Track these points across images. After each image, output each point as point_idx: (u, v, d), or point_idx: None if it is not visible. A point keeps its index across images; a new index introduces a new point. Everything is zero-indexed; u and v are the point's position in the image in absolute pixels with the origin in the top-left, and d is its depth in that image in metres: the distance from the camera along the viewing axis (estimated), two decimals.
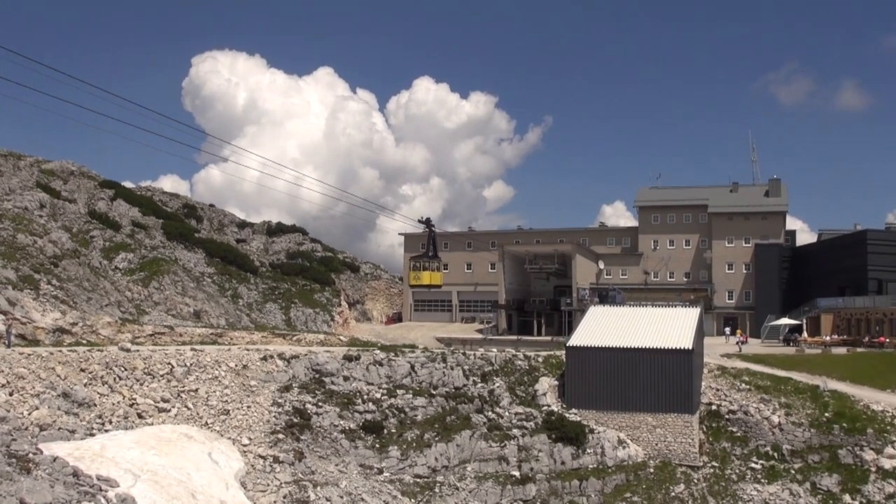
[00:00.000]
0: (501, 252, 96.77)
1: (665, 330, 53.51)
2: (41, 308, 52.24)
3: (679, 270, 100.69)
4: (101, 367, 41.54)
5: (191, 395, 42.88)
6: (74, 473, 26.13)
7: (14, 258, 60.05)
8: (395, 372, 50.64)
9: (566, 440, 47.71)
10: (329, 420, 45.20)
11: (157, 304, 70.49)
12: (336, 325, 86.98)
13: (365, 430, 45.64)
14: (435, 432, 46.61)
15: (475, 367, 52.68)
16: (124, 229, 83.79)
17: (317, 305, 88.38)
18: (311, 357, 50.05)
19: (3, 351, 39.50)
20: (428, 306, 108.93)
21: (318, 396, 46.94)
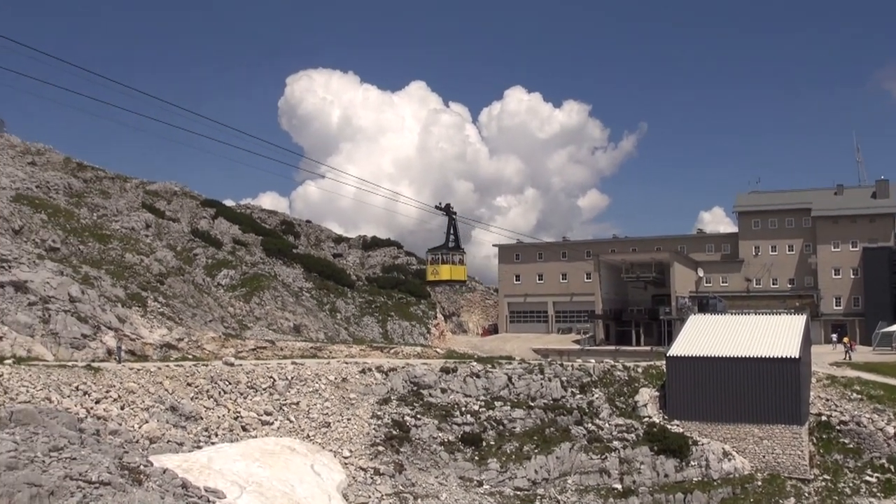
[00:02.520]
0: (597, 261, 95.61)
1: (770, 338, 51.84)
2: (149, 324, 54.06)
3: (782, 277, 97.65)
4: (206, 381, 42.69)
5: (292, 408, 43.64)
6: (183, 485, 26.83)
7: (123, 277, 62.37)
8: (492, 384, 50.48)
9: (669, 452, 46.63)
10: (428, 432, 45.31)
11: (259, 319, 72.08)
12: (432, 338, 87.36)
13: (464, 442, 45.58)
14: (534, 444, 46.21)
15: (573, 379, 52.05)
16: (225, 247, 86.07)
17: (413, 318, 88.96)
18: (409, 369, 50.34)
19: (114, 366, 40.97)
20: (524, 317, 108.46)
21: (417, 409, 47.14)
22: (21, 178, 76.47)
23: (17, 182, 74.75)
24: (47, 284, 48.95)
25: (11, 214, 64.61)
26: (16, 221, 64.03)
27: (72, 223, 70.56)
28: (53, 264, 54.69)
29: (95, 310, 50.15)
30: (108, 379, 38.46)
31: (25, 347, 41.48)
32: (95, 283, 56.51)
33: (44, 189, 77.40)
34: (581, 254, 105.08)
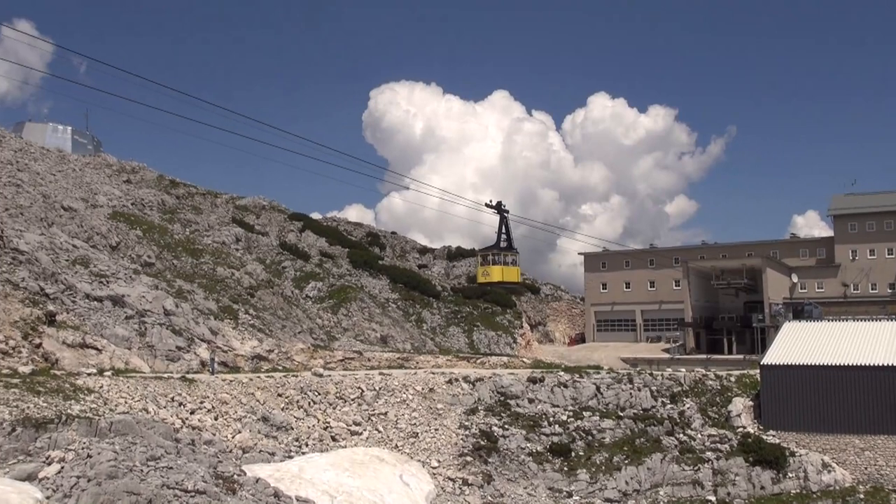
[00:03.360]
0: (686, 268, 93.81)
1: (870, 345, 49.91)
2: (240, 336, 55.18)
3: (882, 281, 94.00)
4: (296, 391, 43.30)
5: (380, 418, 43.91)
6: (275, 494, 27.20)
7: (215, 290, 63.90)
8: (580, 394, 49.89)
9: (765, 463, 45.26)
10: (516, 442, 45.02)
11: (346, 330, 72.86)
12: (519, 348, 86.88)
13: (552, 452, 45.13)
14: (624, 455, 45.44)
15: (663, 388, 51.04)
16: (313, 259, 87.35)
17: (499, 328, 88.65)
18: (496, 380, 50.14)
19: (207, 378, 41.90)
20: (611, 326, 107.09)
21: (504, 419, 46.90)
22: (117, 196, 79.17)
23: (114, 200, 77.40)
24: (143, 298, 50.44)
25: (109, 231, 66.90)
26: (113, 238, 66.27)
27: (165, 239, 72.69)
28: (149, 279, 56.37)
29: (189, 323, 51.44)
30: (202, 390, 39.34)
31: (123, 360, 42.76)
32: (189, 296, 58.01)
33: (139, 206, 79.95)
34: (669, 261, 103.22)
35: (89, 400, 33.32)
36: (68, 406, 31.84)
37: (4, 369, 34.62)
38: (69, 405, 31.96)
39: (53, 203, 67.37)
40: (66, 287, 47.33)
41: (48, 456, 27.31)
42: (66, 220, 65.15)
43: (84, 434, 30.02)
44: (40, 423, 29.70)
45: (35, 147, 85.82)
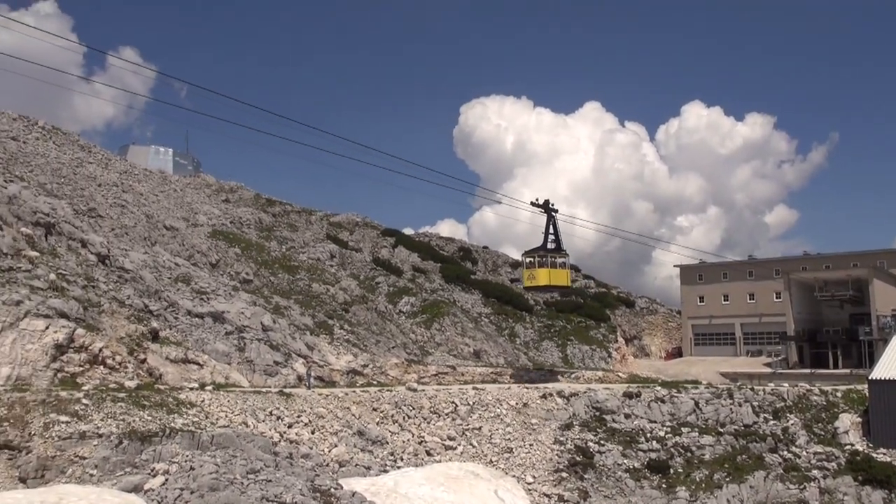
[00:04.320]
0: (787, 280, 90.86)
1: None
2: (336, 351, 55.93)
3: None
4: (391, 406, 43.56)
5: (475, 433, 43.78)
6: None
7: (310, 306, 64.99)
8: (678, 409, 48.78)
9: (875, 483, 43.25)
10: (612, 459, 44.26)
11: (439, 345, 73.09)
12: (614, 362, 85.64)
13: (650, 469, 44.19)
14: (725, 472, 44.14)
15: (765, 404, 49.44)
16: (406, 274, 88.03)
17: (593, 342, 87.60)
18: (591, 394, 49.47)
19: (304, 392, 42.55)
20: (709, 340, 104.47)
21: (600, 434, 46.19)
22: (216, 215, 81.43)
23: (213, 219, 79.63)
24: (242, 315, 51.62)
25: (209, 249, 68.83)
26: (213, 256, 68.14)
27: (263, 256, 74.37)
28: (247, 295, 57.69)
29: (286, 338, 52.40)
30: (299, 404, 39.94)
31: (223, 374, 43.79)
32: (285, 312, 59.13)
33: (237, 224, 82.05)
34: (770, 272, 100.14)
35: (191, 414, 34.20)
36: (172, 420, 32.74)
37: (112, 384, 35.85)
38: (172, 419, 32.87)
39: (156, 223, 69.72)
40: (168, 304, 48.82)
41: (153, 468, 28.13)
42: (169, 239, 67.34)
43: (187, 447, 30.83)
44: (145, 437, 30.64)
45: (139, 169, 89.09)
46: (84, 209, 62.39)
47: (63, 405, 31.44)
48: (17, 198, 48.07)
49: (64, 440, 29.37)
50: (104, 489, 25.32)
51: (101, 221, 62.28)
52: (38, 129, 78.84)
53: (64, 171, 70.25)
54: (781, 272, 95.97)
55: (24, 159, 66.52)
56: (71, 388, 34.06)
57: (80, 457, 28.88)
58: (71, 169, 71.93)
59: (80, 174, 71.81)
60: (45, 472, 28.18)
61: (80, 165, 74.72)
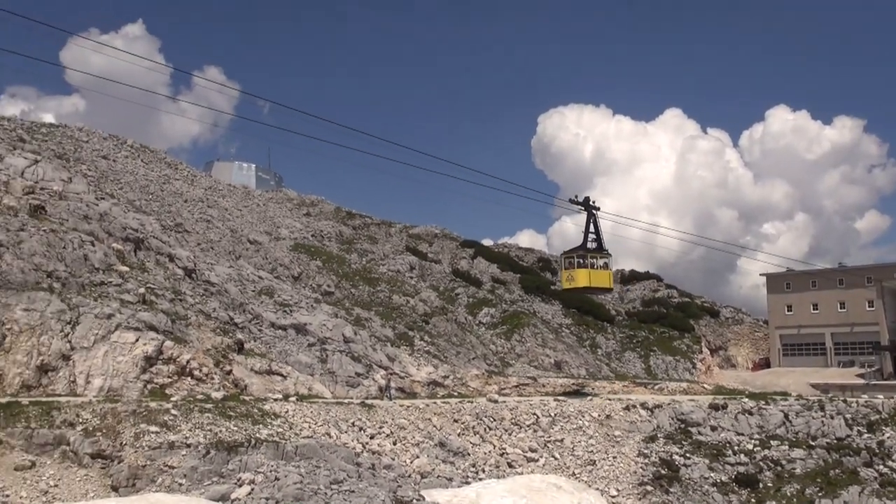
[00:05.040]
0: (880, 288, 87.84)
1: None
2: (416, 363, 56.13)
3: None
4: (471, 417, 43.43)
5: (556, 444, 43.34)
6: None
7: (391, 317, 65.43)
8: (766, 421, 47.43)
9: None
10: (699, 472, 43.24)
11: (520, 356, 72.74)
12: (698, 373, 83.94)
13: (738, 483, 43.00)
14: (817, 487, 42.68)
15: (859, 416, 47.70)
16: (485, 285, 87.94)
17: (677, 353, 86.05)
18: (675, 406, 48.52)
19: (386, 403, 42.77)
20: (798, 350, 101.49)
21: (685, 447, 45.19)
22: (298, 229, 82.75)
23: (295, 232, 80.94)
24: (324, 326, 52.23)
25: (291, 262, 69.95)
26: (295, 268, 69.23)
27: (344, 268, 75.22)
28: (329, 307, 58.36)
29: (367, 349, 52.80)
30: (381, 415, 40.15)
31: (307, 386, 44.32)
32: (366, 324, 59.63)
33: (318, 237, 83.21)
34: (861, 280, 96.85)
35: (276, 424, 34.68)
36: (257, 430, 33.26)
37: (199, 395, 36.62)
38: (258, 429, 33.39)
39: (240, 237, 71.19)
40: (253, 316, 49.71)
41: (239, 478, 28.60)
42: (252, 253, 68.67)
43: (272, 457, 31.28)
44: (232, 447, 31.19)
45: (223, 184, 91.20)
46: (171, 224, 64.10)
47: (153, 416, 32.24)
48: (107, 214, 49.65)
49: (154, 450, 30.09)
50: (193, 498, 25.83)
51: (188, 236, 63.87)
52: (127, 148, 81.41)
53: (152, 187, 72.35)
54: (874, 280, 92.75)
55: (114, 177, 68.74)
56: (160, 398, 34.93)
57: (169, 466, 29.54)
58: (158, 186, 74.03)
59: (167, 190, 73.85)
60: (136, 481, 28.90)
61: (167, 182, 76.86)
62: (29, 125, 74.34)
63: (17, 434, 29.61)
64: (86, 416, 31.37)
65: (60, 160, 61.36)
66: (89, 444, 29.82)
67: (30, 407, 31.22)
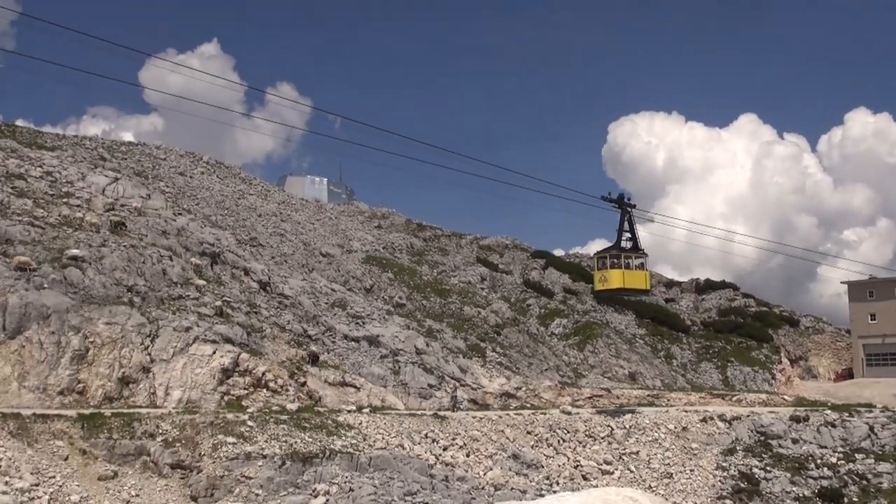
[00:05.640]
0: None
1: None
2: (488, 374, 55.96)
3: None
4: (545, 429, 43.11)
5: (632, 457, 42.72)
6: None
7: (462, 329, 65.41)
8: (850, 434, 45.97)
9: None
10: (780, 486, 42.11)
11: (593, 367, 71.95)
12: (778, 384, 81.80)
13: (821, 497, 41.71)
14: None
15: None
16: (557, 296, 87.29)
17: (755, 363, 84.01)
18: (754, 418, 47.41)
19: (459, 415, 42.72)
20: (883, 360, 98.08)
21: (766, 460, 44.08)
22: (370, 241, 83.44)
23: (367, 245, 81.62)
24: (396, 338, 52.49)
25: (363, 275, 70.54)
26: (367, 281, 69.78)
27: (415, 280, 75.54)
28: (401, 319, 58.64)
29: (439, 361, 52.86)
30: (454, 427, 40.11)
31: (380, 397, 44.57)
32: (438, 335, 59.72)
33: (389, 250, 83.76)
34: None
35: (350, 436, 34.94)
36: (331, 441, 33.56)
37: (274, 406, 37.12)
38: (332, 440, 33.68)
39: (313, 250, 72.07)
40: (326, 329, 50.23)
41: (314, 489, 28.90)
42: (325, 266, 69.44)
43: (346, 468, 31.53)
44: (307, 458, 31.55)
45: (295, 198, 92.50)
46: (246, 239, 65.25)
47: (230, 427, 32.80)
48: (185, 229, 50.82)
49: (231, 460, 30.61)
50: None
51: (262, 250, 64.93)
52: (203, 165, 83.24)
53: (227, 203, 73.79)
54: None
55: (190, 193, 70.34)
56: (237, 410, 35.51)
57: (246, 477, 30.01)
58: (233, 201, 75.48)
59: (241, 205, 75.24)
60: (215, 491, 29.42)
61: (242, 197, 78.31)
62: (109, 144, 76.58)
63: (100, 445, 30.43)
64: (165, 427, 32.07)
65: (139, 177, 63.04)
66: (169, 455, 30.46)
67: (112, 418, 32.05)
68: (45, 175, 50.29)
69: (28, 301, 35.71)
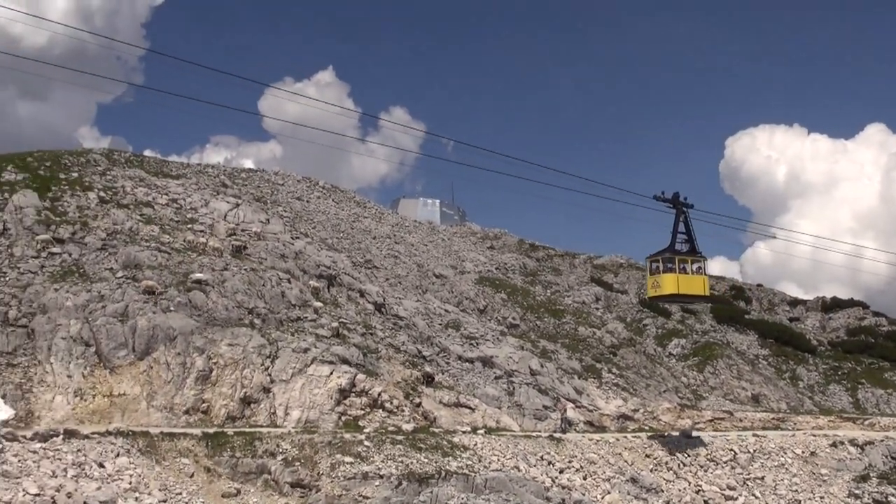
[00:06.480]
0: None
1: None
2: (604, 395, 55.05)
3: None
4: (664, 452, 42.02)
5: (757, 482, 41.16)
6: None
7: (577, 349, 64.65)
8: None
9: None
10: None
11: (714, 389, 69.93)
12: None
13: None
14: None
15: None
16: (674, 315, 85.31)
17: (888, 385, 79.85)
18: (889, 443, 45.06)
19: (575, 437, 42.08)
20: None
21: None
22: (482, 262, 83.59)
23: (479, 265, 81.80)
24: (510, 359, 52.23)
25: (476, 295, 70.66)
26: (480, 301, 69.86)
27: (528, 300, 75.19)
28: (514, 340, 58.39)
29: (554, 382, 52.31)
30: (570, 449, 39.53)
31: (494, 419, 44.34)
32: (552, 356, 59.19)
33: (502, 270, 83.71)
34: None
35: (465, 457, 34.86)
36: (446, 462, 33.55)
37: (390, 426, 37.42)
38: (447, 461, 33.67)
39: (427, 271, 72.71)
40: (440, 349, 50.43)
41: None
42: (438, 287, 69.92)
43: (462, 489, 31.46)
44: (423, 478, 31.64)
45: (409, 221, 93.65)
46: (361, 261, 66.35)
47: (347, 447, 33.22)
48: (302, 253, 52.05)
49: (349, 480, 30.99)
50: None
51: (377, 272, 65.89)
52: (319, 189, 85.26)
53: (342, 226, 75.29)
54: None
55: (307, 217, 72.09)
56: (354, 430, 35.95)
57: (363, 496, 30.30)
58: (349, 224, 76.97)
59: (356, 228, 76.64)
60: None
61: (357, 220, 79.77)
62: (230, 171, 79.32)
63: (223, 463, 31.31)
64: (285, 446, 32.74)
65: (259, 203, 65.03)
66: (289, 474, 31.05)
67: (234, 437, 32.94)
68: (170, 202, 52.48)
69: (155, 323, 37.22)
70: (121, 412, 34.20)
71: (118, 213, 47.06)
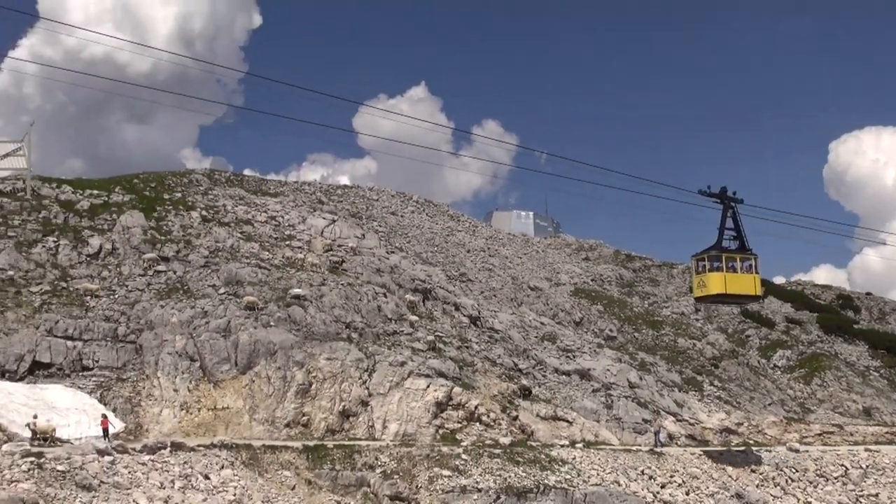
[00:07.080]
0: None
1: None
2: (706, 408, 53.69)
3: None
4: (770, 467, 40.75)
5: (870, 500, 39.50)
6: None
7: (677, 361, 63.27)
8: None
9: None
10: None
11: (822, 402, 67.37)
12: None
13: None
14: None
15: None
16: (778, 326, 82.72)
17: None
18: None
19: (676, 451, 41.15)
20: None
21: None
22: (577, 274, 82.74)
23: (575, 277, 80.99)
24: (608, 371, 51.50)
25: (572, 307, 69.97)
26: (576, 314, 69.14)
27: (625, 312, 74.04)
28: (612, 352, 57.53)
29: (653, 395, 51.31)
30: (671, 464, 38.67)
31: (593, 432, 43.75)
32: (651, 368, 58.06)
33: (598, 282, 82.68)
34: None
35: (563, 471, 34.47)
36: (545, 476, 33.25)
37: (487, 440, 37.30)
38: (546, 475, 33.36)
39: (521, 284, 72.38)
40: (536, 362, 50.08)
41: None
42: (533, 299, 69.51)
43: None
44: (521, 492, 31.43)
45: (503, 233, 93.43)
46: (455, 274, 66.52)
47: (445, 460, 33.25)
48: (397, 267, 52.53)
49: (447, 493, 31.00)
50: None
51: (471, 285, 65.93)
52: (413, 204, 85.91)
53: (436, 240, 75.65)
54: None
55: (402, 231, 72.72)
56: (451, 443, 35.97)
57: None
58: (443, 238, 77.29)
59: (450, 242, 76.90)
60: None
61: (451, 234, 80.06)
62: (326, 188, 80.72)
63: (324, 475, 31.73)
64: (384, 459, 32.97)
65: (354, 218, 65.96)
66: (388, 487, 31.26)
67: (334, 450, 33.36)
68: (269, 219, 53.75)
69: (257, 338, 38.10)
70: (224, 425, 35.07)
71: (220, 231, 48.45)
